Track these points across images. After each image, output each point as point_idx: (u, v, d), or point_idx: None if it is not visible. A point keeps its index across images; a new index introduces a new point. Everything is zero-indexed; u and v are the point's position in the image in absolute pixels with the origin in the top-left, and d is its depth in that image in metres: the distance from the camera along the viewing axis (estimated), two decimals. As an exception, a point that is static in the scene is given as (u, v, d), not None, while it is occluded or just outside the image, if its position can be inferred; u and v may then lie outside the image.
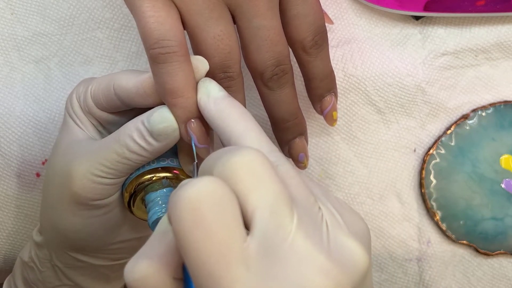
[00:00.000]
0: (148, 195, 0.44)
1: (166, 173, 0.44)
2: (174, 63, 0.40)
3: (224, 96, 0.40)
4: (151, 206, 0.43)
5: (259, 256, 0.29)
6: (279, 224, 0.29)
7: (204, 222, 0.28)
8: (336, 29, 0.55)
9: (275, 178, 0.31)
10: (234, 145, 0.37)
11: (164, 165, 0.44)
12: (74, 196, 0.43)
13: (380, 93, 0.55)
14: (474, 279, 0.59)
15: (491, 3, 0.53)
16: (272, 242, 0.29)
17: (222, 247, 0.28)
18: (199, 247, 0.28)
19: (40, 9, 0.55)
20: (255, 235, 0.29)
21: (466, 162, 0.56)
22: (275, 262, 0.29)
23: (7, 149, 0.55)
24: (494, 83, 0.56)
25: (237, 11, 0.43)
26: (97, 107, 0.45)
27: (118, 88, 0.43)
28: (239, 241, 0.29)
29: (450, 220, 0.57)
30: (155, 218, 0.43)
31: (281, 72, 0.44)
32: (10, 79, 0.55)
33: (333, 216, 0.32)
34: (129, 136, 0.41)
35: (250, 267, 0.28)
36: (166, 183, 0.44)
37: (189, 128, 0.41)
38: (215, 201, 0.29)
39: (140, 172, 0.44)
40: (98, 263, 0.49)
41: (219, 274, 0.28)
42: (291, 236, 0.29)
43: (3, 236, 0.57)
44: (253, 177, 0.30)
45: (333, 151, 0.57)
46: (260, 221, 0.29)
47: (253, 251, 0.29)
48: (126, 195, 0.44)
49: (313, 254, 0.29)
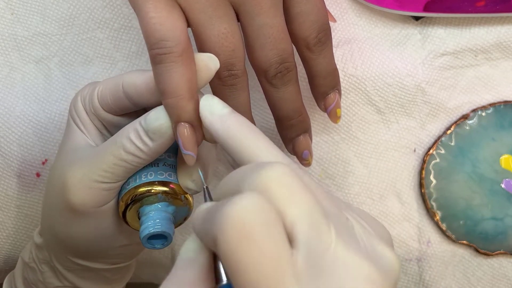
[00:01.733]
0: (143, 208, 0.44)
1: (163, 187, 0.44)
2: (169, 64, 0.40)
3: (229, 113, 0.39)
4: (144, 220, 0.43)
5: (307, 269, 0.29)
6: (320, 235, 0.29)
7: (253, 239, 0.28)
8: (336, 29, 0.55)
9: (307, 190, 0.31)
10: (249, 162, 0.36)
11: (162, 179, 0.44)
12: (69, 203, 0.43)
13: (380, 93, 0.55)
14: (474, 279, 0.59)
15: (490, 4, 0.53)
16: (316, 254, 0.29)
17: (273, 263, 0.28)
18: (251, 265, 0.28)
19: (40, 9, 0.55)
20: (299, 248, 0.29)
21: (466, 162, 0.56)
22: (322, 273, 0.29)
23: (7, 149, 0.55)
24: (494, 83, 0.56)
25: (241, 9, 0.43)
26: (103, 108, 0.45)
27: (127, 85, 0.43)
28: (288, 256, 0.29)
29: (450, 220, 0.57)
30: (146, 232, 0.42)
31: (285, 70, 0.44)
32: (10, 79, 0.55)
33: (361, 225, 0.32)
34: (126, 137, 0.41)
35: (301, 281, 0.28)
36: (161, 198, 0.44)
37: (177, 131, 0.41)
38: (262, 217, 0.29)
39: (138, 183, 0.44)
40: (97, 267, 0.49)
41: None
42: (333, 246, 0.29)
43: (3, 236, 0.57)
44: (286, 191, 0.30)
45: (333, 151, 0.57)
46: (302, 234, 0.29)
47: (300, 264, 0.29)
48: (122, 204, 0.44)
49: (357, 263, 0.29)
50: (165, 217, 0.44)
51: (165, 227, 0.43)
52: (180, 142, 0.41)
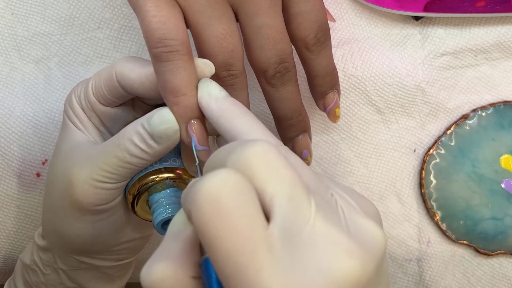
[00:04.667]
0: (152, 196, 0.44)
1: (169, 174, 0.44)
2: (177, 62, 0.40)
3: (225, 96, 0.40)
4: (156, 207, 0.43)
5: (282, 242, 0.29)
6: (298, 209, 0.30)
7: (226, 213, 0.28)
8: (336, 29, 0.55)
9: (289, 167, 0.31)
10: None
11: (167, 165, 0.44)
12: (75, 202, 0.43)
13: (380, 93, 0.55)
14: (474, 279, 0.59)
15: (490, 4, 0.53)
16: (294, 227, 0.29)
17: (246, 236, 0.28)
18: (223, 238, 0.28)
19: (40, 9, 0.55)
20: (276, 222, 0.29)
21: (466, 162, 0.56)
22: (299, 247, 0.29)
23: (7, 149, 0.55)
24: (494, 83, 0.56)
25: (240, 10, 0.43)
26: (100, 102, 0.45)
27: (121, 76, 0.43)
28: (262, 229, 0.29)
29: (450, 220, 0.57)
30: (160, 219, 0.43)
31: (284, 70, 0.44)
32: (10, 79, 0.55)
33: (346, 201, 0.33)
34: (129, 140, 0.41)
35: (274, 254, 0.29)
36: (169, 184, 0.44)
37: (189, 129, 0.41)
38: (235, 191, 0.29)
39: (143, 173, 0.44)
40: (102, 264, 0.49)
41: (245, 263, 0.28)
42: (311, 220, 0.29)
43: (3, 236, 0.57)
44: (268, 167, 0.31)
45: (333, 151, 0.57)
46: (280, 208, 0.30)
47: (276, 238, 0.29)
48: (130, 197, 0.44)
49: (335, 236, 0.29)
50: (176, 201, 0.44)
51: (177, 211, 0.43)
52: (194, 140, 0.41)
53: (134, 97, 0.45)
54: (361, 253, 0.29)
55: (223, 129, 0.39)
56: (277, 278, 0.28)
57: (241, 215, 0.29)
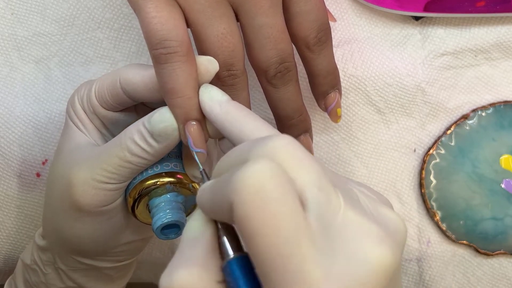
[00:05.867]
0: (152, 200, 0.44)
1: (170, 178, 0.44)
2: (175, 63, 0.40)
3: (228, 99, 0.40)
4: (156, 212, 0.43)
5: (320, 232, 0.29)
6: (329, 199, 0.30)
7: (271, 202, 0.28)
8: (336, 29, 0.55)
9: (313, 158, 0.31)
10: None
11: (168, 170, 0.44)
12: (75, 203, 0.43)
13: (380, 93, 0.55)
14: (474, 279, 0.59)
15: (490, 4, 0.53)
16: (327, 217, 0.29)
17: (291, 225, 0.28)
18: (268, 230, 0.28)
19: (40, 9, 0.55)
20: (311, 212, 0.29)
21: (466, 162, 0.56)
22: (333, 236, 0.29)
23: (7, 149, 0.55)
24: (494, 83, 0.56)
25: (240, 9, 0.43)
26: (102, 106, 0.45)
27: (125, 82, 0.43)
28: (303, 219, 0.29)
29: (450, 220, 0.57)
30: (159, 223, 0.43)
31: (284, 70, 0.44)
32: (10, 79, 0.55)
33: (364, 193, 0.33)
34: (130, 139, 0.41)
35: (316, 244, 0.28)
36: (170, 188, 0.44)
37: (186, 130, 0.41)
38: (277, 181, 0.29)
39: (144, 177, 0.44)
40: (102, 265, 0.49)
41: (288, 254, 0.28)
42: (342, 210, 0.30)
43: (3, 236, 0.57)
44: (294, 158, 0.30)
45: (333, 151, 0.57)
46: (312, 198, 0.30)
47: (314, 227, 0.29)
48: (130, 200, 0.44)
49: (366, 225, 0.29)
50: (176, 206, 0.44)
51: (177, 216, 0.43)
52: (190, 141, 0.41)
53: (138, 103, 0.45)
54: (390, 240, 0.29)
55: (229, 131, 0.39)
56: (321, 268, 0.28)
57: (284, 205, 0.28)
